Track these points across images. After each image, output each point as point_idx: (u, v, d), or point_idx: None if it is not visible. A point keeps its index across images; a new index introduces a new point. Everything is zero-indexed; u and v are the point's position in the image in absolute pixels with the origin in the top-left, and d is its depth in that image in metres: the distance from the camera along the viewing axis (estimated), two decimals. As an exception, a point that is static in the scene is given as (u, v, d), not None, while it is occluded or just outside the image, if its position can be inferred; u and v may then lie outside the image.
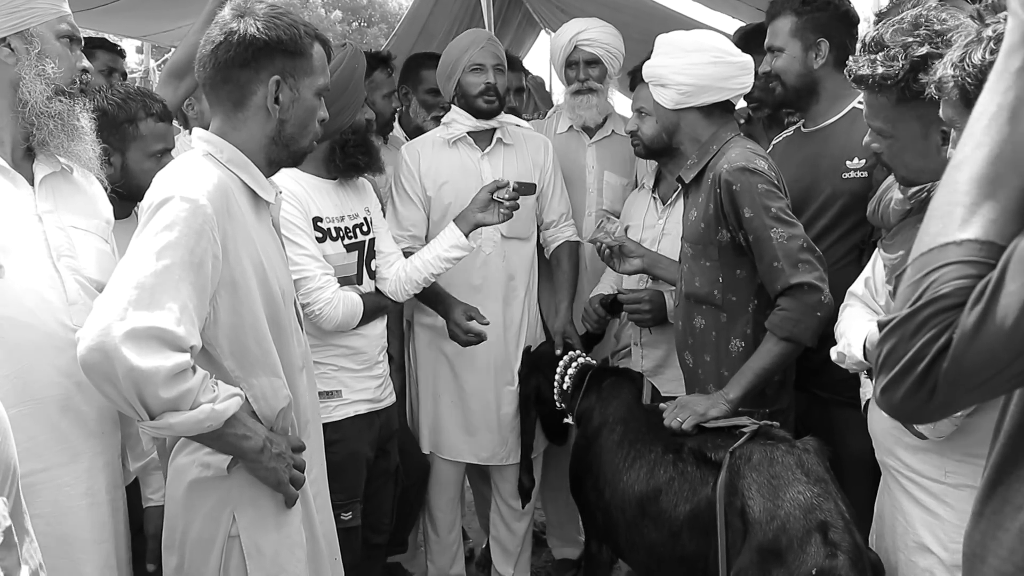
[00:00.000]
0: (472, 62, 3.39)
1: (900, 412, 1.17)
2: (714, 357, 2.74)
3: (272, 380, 2.00)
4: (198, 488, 2.00)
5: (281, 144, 2.05)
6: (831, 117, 2.99)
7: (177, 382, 1.75)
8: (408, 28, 6.11)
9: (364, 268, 3.05)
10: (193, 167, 1.95)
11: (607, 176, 3.75)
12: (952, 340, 1.06)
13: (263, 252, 2.01)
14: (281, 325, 2.05)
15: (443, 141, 3.48)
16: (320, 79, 2.06)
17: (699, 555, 2.38)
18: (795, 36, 2.98)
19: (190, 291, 1.80)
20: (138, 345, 1.71)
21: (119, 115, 2.51)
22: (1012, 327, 1.01)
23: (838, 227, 2.87)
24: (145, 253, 1.79)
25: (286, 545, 2.05)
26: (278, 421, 2.03)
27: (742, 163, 2.60)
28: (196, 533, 2.00)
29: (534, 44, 7.00)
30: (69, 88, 2.10)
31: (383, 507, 3.21)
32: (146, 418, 1.77)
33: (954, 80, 1.56)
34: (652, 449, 2.61)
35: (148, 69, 9.51)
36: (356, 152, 2.97)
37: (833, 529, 2.10)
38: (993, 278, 1.05)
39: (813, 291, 2.51)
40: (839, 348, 2.31)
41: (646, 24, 4.72)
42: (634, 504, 2.57)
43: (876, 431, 2.25)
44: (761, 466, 2.27)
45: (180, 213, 1.81)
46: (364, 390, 3.03)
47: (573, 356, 3.24)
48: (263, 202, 2.09)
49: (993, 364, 1.05)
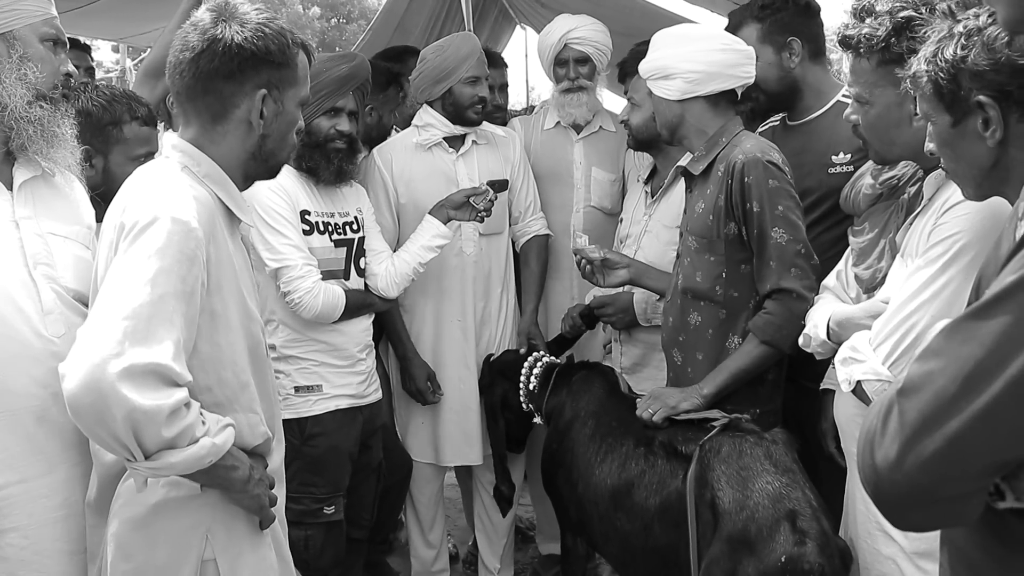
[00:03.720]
0: (471, 74, 3.39)
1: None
2: (707, 355, 2.69)
3: (249, 416, 1.89)
4: (165, 510, 1.83)
5: (260, 159, 1.94)
6: (816, 111, 2.97)
7: (176, 419, 1.62)
8: (384, 23, 6.06)
9: (352, 265, 3.09)
10: (174, 183, 1.81)
11: (595, 172, 3.75)
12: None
13: (240, 276, 1.90)
14: (259, 355, 1.96)
15: (416, 145, 3.48)
16: (303, 89, 1.95)
17: (671, 546, 2.40)
18: (764, 42, 2.93)
19: (182, 323, 1.67)
20: (136, 384, 1.57)
21: (103, 117, 2.46)
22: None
23: (823, 221, 2.84)
24: (137, 280, 1.65)
25: (261, 568, 1.95)
26: (254, 457, 1.93)
27: (757, 154, 2.55)
28: (162, 560, 1.83)
29: (510, 39, 6.98)
30: (51, 93, 2.05)
31: (364, 502, 3.24)
32: (141, 459, 1.62)
33: (927, 75, 1.59)
34: (624, 442, 2.62)
35: (124, 69, 9.44)
36: (304, 152, 2.96)
37: (801, 517, 2.12)
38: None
39: (800, 300, 2.50)
40: (806, 330, 2.35)
41: (627, 18, 4.70)
42: (607, 497, 2.58)
43: (841, 419, 2.28)
44: (730, 458, 2.29)
45: (173, 237, 1.69)
46: (346, 385, 3.07)
47: (537, 356, 3.24)
48: (236, 220, 1.96)
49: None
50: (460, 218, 3.21)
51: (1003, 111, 1.48)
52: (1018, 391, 1.01)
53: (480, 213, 3.21)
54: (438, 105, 3.46)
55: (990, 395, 1.01)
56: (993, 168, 1.55)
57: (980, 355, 1.02)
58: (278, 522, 2.04)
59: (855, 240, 2.32)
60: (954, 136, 1.60)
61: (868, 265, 2.26)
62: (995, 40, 1.47)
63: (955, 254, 1.90)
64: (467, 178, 3.48)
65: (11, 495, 1.90)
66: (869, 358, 2.02)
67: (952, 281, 1.90)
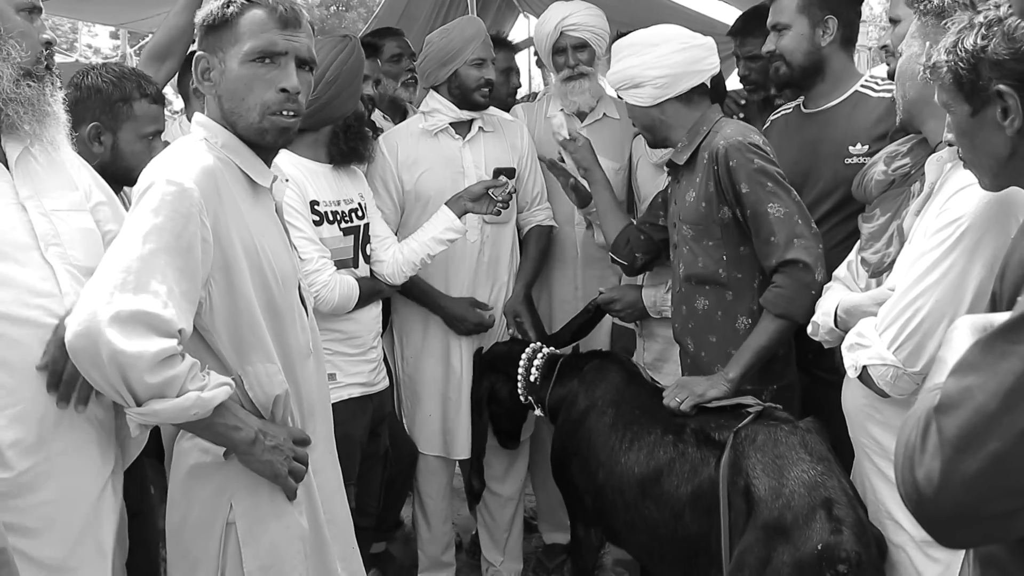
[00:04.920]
0: (476, 56, 3.37)
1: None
2: (720, 337, 2.74)
3: (267, 366, 1.98)
4: (198, 473, 1.99)
5: (230, 121, 1.99)
6: (834, 99, 2.95)
7: (163, 368, 1.72)
8: (389, 10, 6.06)
9: (360, 252, 3.08)
10: (183, 151, 1.93)
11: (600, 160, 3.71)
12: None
13: (257, 236, 1.98)
14: (277, 310, 2.02)
15: (422, 131, 3.47)
16: (248, 44, 1.94)
17: (701, 535, 2.40)
18: (802, 12, 2.90)
19: (178, 275, 1.78)
20: (123, 328, 1.69)
21: (114, 94, 2.45)
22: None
23: (839, 212, 2.83)
24: (131, 238, 1.77)
25: (285, 536, 2.02)
26: (276, 409, 2.00)
27: (738, 138, 2.61)
28: (196, 518, 2.00)
29: (513, 27, 6.98)
30: (35, 69, 2.01)
31: (371, 490, 3.24)
32: (132, 404, 1.74)
33: (947, 65, 1.60)
34: (651, 430, 2.61)
35: (125, 55, 9.40)
36: (356, 139, 3.02)
37: (837, 505, 2.13)
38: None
39: (807, 270, 2.52)
40: (814, 318, 2.37)
41: (631, 8, 4.69)
42: (634, 485, 2.57)
43: (849, 408, 2.28)
44: (766, 446, 2.30)
45: (166, 197, 1.79)
46: (358, 374, 3.07)
47: (535, 348, 3.21)
48: (263, 187, 2.06)
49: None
50: (478, 210, 3.19)
51: (1022, 100, 1.49)
52: None
53: (498, 205, 3.19)
54: (444, 90, 3.44)
55: None
56: (1011, 158, 1.56)
57: (1021, 369, 1.00)
58: (330, 493, 2.20)
59: (866, 226, 2.33)
60: (973, 126, 1.61)
61: (876, 250, 2.27)
62: (1016, 30, 1.49)
63: (959, 238, 1.90)
64: (473, 165, 3.46)
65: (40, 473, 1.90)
66: (874, 343, 2.03)
67: (956, 265, 1.90)
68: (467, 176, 3.45)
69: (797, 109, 3.10)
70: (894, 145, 2.31)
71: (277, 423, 2.01)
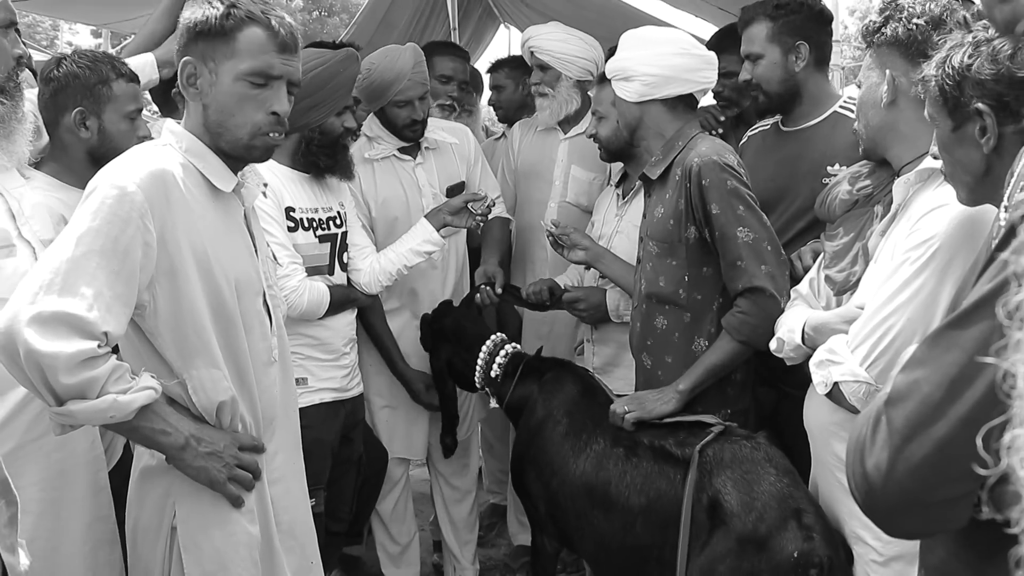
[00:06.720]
0: (403, 96, 3.35)
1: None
2: (676, 358, 2.72)
3: (212, 372, 1.93)
4: (147, 475, 2.00)
5: (214, 132, 1.96)
6: (813, 119, 2.97)
7: (82, 369, 1.71)
8: (369, 17, 6.05)
9: (336, 260, 3.10)
10: (135, 156, 1.91)
11: (574, 170, 3.78)
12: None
13: (211, 242, 1.93)
14: (229, 316, 1.97)
15: (369, 160, 3.48)
16: (245, 63, 1.92)
17: (653, 545, 2.45)
18: (772, 41, 2.94)
19: (111, 279, 1.76)
20: (42, 329, 1.68)
21: (91, 78, 2.43)
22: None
23: (814, 230, 2.79)
24: (65, 240, 1.77)
25: (230, 543, 1.98)
26: (222, 415, 1.96)
27: (713, 156, 2.57)
28: (145, 521, 2.00)
29: (493, 38, 6.99)
30: (7, 84, 2.01)
31: (343, 495, 3.25)
32: (53, 404, 1.73)
33: (935, 79, 1.67)
34: (599, 440, 2.66)
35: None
36: (319, 152, 3.01)
37: (806, 514, 2.23)
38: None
39: (773, 300, 2.51)
40: (779, 334, 2.36)
41: (611, 22, 4.74)
42: (583, 493, 2.62)
43: (812, 424, 2.31)
44: (734, 463, 2.36)
45: (106, 200, 1.78)
46: (330, 379, 3.09)
47: (496, 341, 3.19)
48: (230, 193, 2.03)
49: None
50: (457, 224, 3.22)
51: (999, 120, 1.57)
52: (999, 393, 1.03)
53: (477, 218, 3.21)
54: (382, 117, 3.47)
55: (974, 398, 1.04)
56: (986, 175, 1.63)
57: (963, 360, 1.04)
58: (291, 504, 2.18)
59: (829, 244, 2.35)
60: (953, 141, 1.69)
61: (841, 268, 2.29)
62: (999, 52, 1.57)
63: (930, 257, 1.92)
64: (428, 184, 3.52)
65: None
66: (847, 360, 2.04)
67: (927, 284, 1.92)
68: (424, 196, 3.50)
69: (775, 126, 3.12)
70: (857, 166, 2.34)
71: (223, 429, 1.97)
